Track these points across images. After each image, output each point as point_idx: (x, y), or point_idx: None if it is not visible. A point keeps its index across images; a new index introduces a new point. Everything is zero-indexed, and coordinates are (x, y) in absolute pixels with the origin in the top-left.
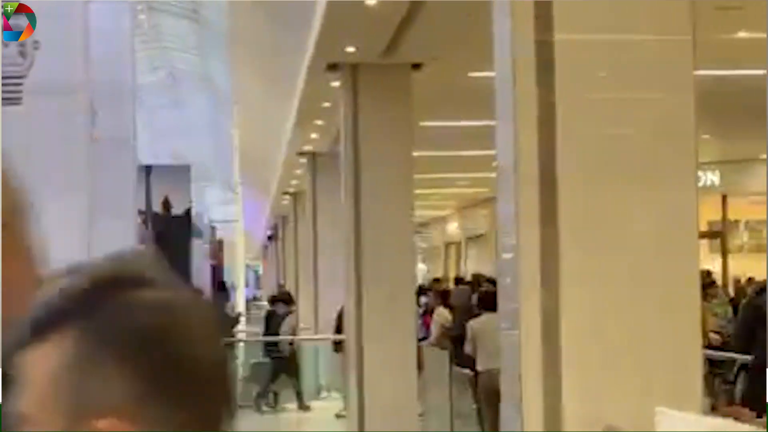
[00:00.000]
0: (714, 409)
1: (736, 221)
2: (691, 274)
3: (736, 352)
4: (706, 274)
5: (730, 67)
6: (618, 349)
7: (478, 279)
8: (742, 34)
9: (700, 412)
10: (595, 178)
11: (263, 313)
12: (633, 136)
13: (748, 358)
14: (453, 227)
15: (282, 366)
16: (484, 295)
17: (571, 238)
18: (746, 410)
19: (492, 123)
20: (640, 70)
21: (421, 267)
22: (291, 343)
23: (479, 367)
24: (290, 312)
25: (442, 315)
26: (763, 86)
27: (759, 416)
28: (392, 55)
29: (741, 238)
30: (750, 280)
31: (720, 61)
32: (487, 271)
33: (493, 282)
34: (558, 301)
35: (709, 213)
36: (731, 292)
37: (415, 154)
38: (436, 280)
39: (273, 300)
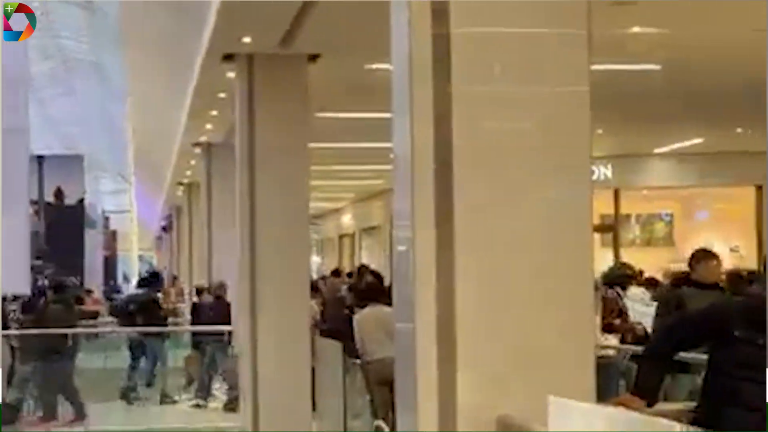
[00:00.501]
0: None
1: (628, 215)
2: (584, 267)
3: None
4: (627, 267)
5: (624, 61)
6: (512, 341)
7: (362, 271)
8: (636, 29)
9: (593, 401)
10: (491, 171)
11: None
12: (528, 130)
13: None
14: (347, 219)
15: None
16: (367, 288)
17: (466, 231)
18: (637, 399)
19: (388, 115)
20: (536, 63)
21: (315, 259)
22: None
23: (368, 357)
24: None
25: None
26: (657, 81)
27: (649, 405)
28: (289, 46)
29: (633, 232)
30: (641, 273)
31: (614, 55)
32: (380, 263)
33: (376, 275)
34: (453, 294)
35: (602, 207)
36: None
37: (311, 145)
38: (335, 272)
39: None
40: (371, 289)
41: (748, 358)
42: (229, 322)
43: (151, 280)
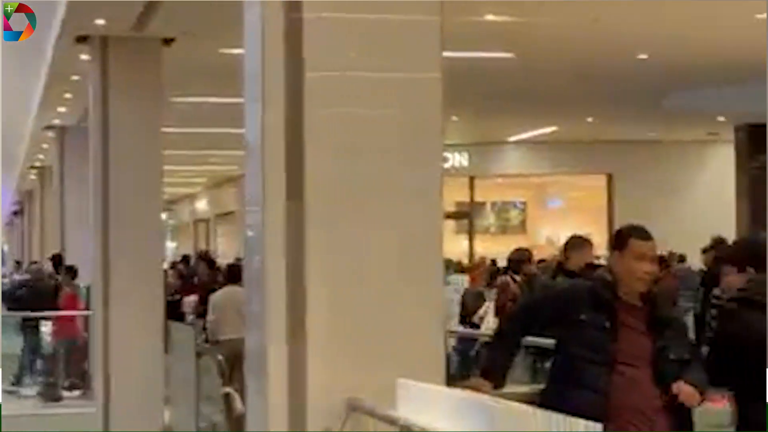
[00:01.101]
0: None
1: (483, 203)
2: (434, 249)
3: None
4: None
5: (478, 49)
6: (362, 322)
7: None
8: (490, 18)
9: (442, 384)
10: (342, 156)
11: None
12: (380, 116)
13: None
14: (202, 204)
15: None
16: (228, 268)
17: (316, 213)
18: (486, 382)
19: (240, 101)
20: (388, 50)
21: (169, 244)
22: None
23: (222, 337)
24: None
25: None
26: (511, 70)
27: (497, 387)
28: (143, 29)
29: (487, 219)
30: (493, 262)
31: (469, 43)
32: (237, 248)
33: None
34: (303, 274)
35: (457, 194)
36: None
37: (165, 130)
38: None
39: None
40: (232, 270)
41: (594, 341)
42: (49, 307)
43: None
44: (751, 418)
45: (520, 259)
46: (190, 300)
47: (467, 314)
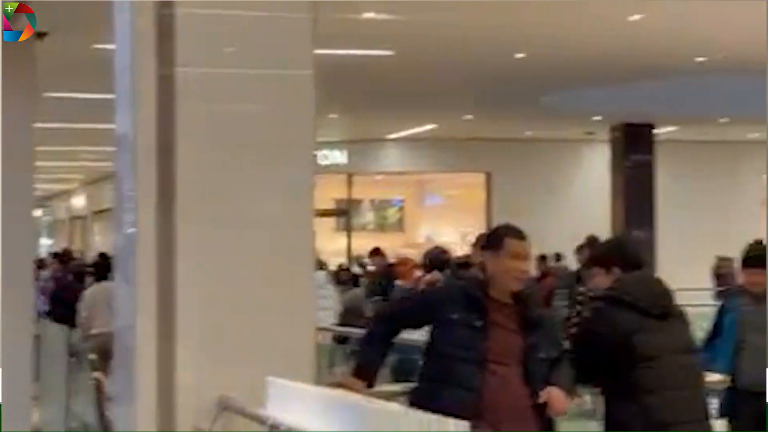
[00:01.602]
0: None
1: (362, 200)
2: (305, 247)
3: None
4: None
5: (358, 47)
6: (233, 320)
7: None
8: (369, 15)
9: (312, 382)
10: (214, 153)
11: None
12: (252, 113)
13: None
14: (79, 201)
15: None
16: (96, 264)
17: (188, 211)
18: (355, 380)
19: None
20: (260, 46)
21: (45, 241)
22: None
23: (94, 331)
24: None
25: None
26: (390, 67)
27: (370, 386)
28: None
29: (366, 217)
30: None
31: (349, 41)
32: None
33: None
34: (173, 272)
35: (336, 192)
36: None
37: (38, 125)
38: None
39: None
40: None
41: (465, 340)
42: None
43: None
44: (616, 417)
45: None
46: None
47: None
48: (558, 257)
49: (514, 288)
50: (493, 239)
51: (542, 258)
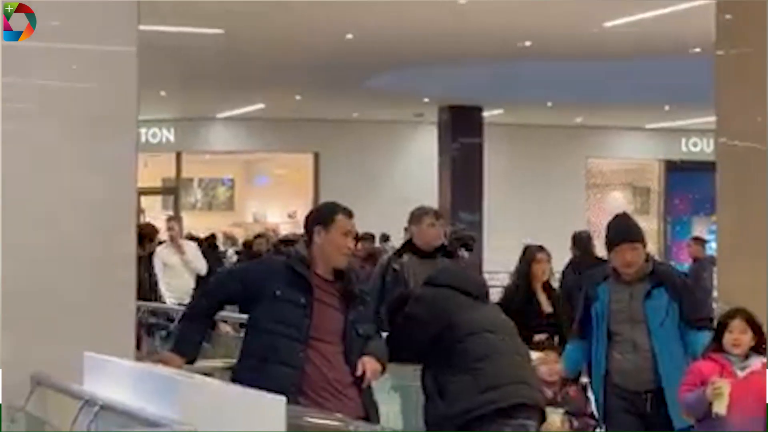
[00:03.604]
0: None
1: (191, 179)
2: (127, 224)
3: None
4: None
5: (188, 24)
6: (52, 297)
7: None
8: None
9: (132, 358)
10: (36, 126)
11: None
12: (74, 88)
13: None
14: None
15: None
16: None
17: (8, 186)
18: (175, 356)
19: None
20: (84, 22)
21: None
22: None
23: None
24: None
25: None
26: (219, 46)
27: (189, 362)
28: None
29: (194, 195)
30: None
31: (179, 18)
32: None
33: None
34: None
35: (164, 170)
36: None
37: None
38: None
39: None
40: None
41: (289, 317)
42: None
43: None
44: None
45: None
46: None
47: None
48: (385, 238)
49: (341, 265)
50: (324, 215)
51: (369, 237)
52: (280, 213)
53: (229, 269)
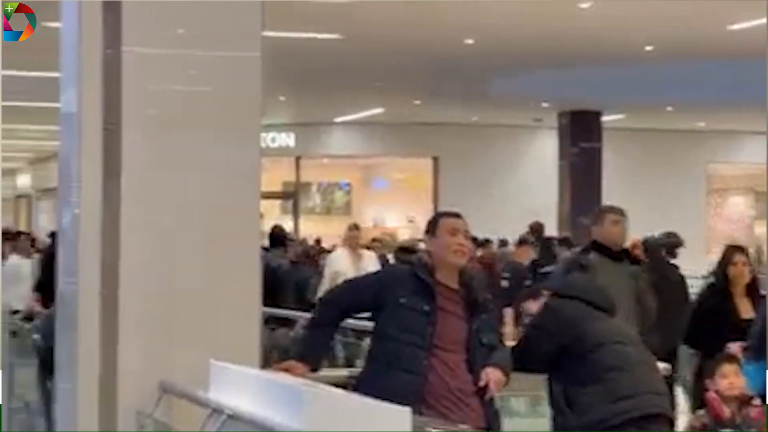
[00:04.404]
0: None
1: (309, 183)
2: (251, 232)
3: None
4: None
5: (307, 30)
6: (176, 303)
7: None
8: None
9: (257, 366)
10: (161, 133)
11: None
12: (199, 94)
13: None
14: (24, 180)
15: None
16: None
17: (133, 192)
18: (299, 364)
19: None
20: (207, 28)
21: None
22: None
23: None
24: None
25: None
26: (339, 51)
27: (313, 370)
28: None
29: (313, 200)
30: (317, 241)
31: (298, 24)
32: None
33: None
34: (118, 254)
35: (284, 174)
36: None
37: None
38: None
39: None
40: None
41: (413, 325)
42: None
43: None
44: (574, 400)
45: None
46: None
47: None
48: (503, 243)
49: (458, 262)
50: (430, 224)
51: (486, 242)
52: (399, 217)
53: (355, 277)
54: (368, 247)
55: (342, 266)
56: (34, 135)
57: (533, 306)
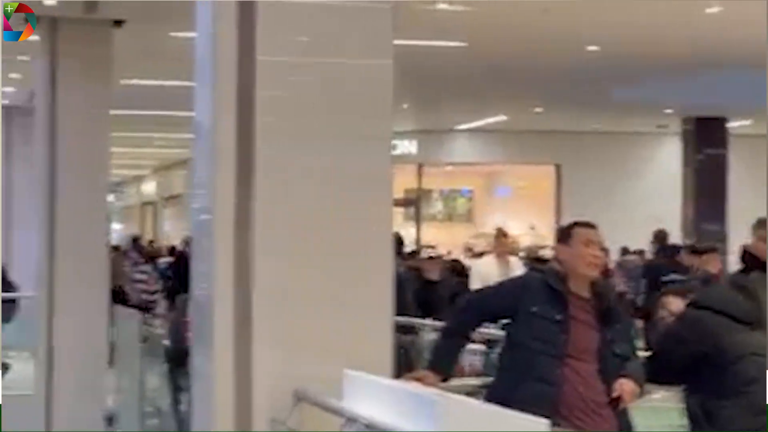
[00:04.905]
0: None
1: (431, 190)
2: (384, 241)
3: None
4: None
5: (430, 37)
6: (310, 311)
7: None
8: (442, 6)
9: (389, 375)
10: (293, 142)
11: None
12: (331, 102)
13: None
14: (150, 187)
15: None
16: None
17: (266, 202)
18: (430, 374)
19: (191, 84)
20: (340, 35)
21: (116, 226)
22: None
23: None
24: None
25: None
26: (462, 58)
27: (445, 380)
28: (93, 11)
29: (435, 207)
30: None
31: (421, 31)
32: (182, 230)
33: None
34: (251, 265)
35: (406, 182)
36: None
37: (113, 112)
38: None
39: None
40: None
41: (545, 334)
42: None
43: None
44: (714, 413)
45: None
46: None
47: None
48: (626, 250)
49: (591, 274)
50: (564, 232)
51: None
52: (521, 225)
53: (487, 286)
54: (512, 254)
55: (490, 273)
56: (160, 143)
57: (675, 303)
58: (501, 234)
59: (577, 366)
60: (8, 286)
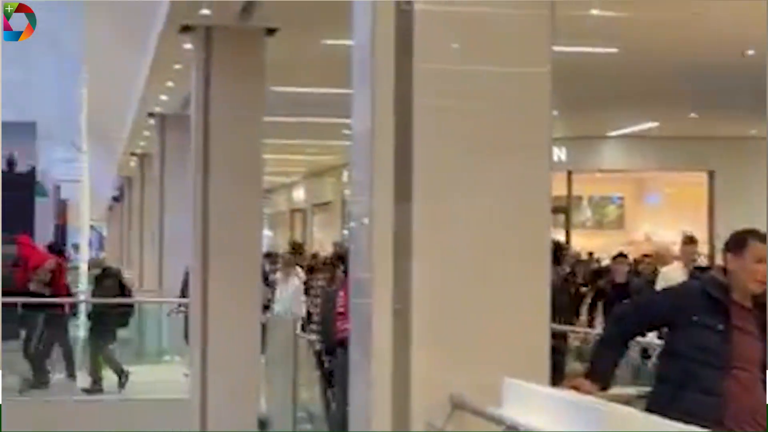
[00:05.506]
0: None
1: (580, 197)
2: (541, 248)
3: None
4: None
5: (582, 44)
6: (467, 320)
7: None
8: (595, 12)
9: (546, 383)
10: (450, 149)
11: None
12: (489, 109)
13: None
14: (299, 194)
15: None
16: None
17: (424, 208)
18: (587, 382)
19: (343, 91)
20: (498, 43)
21: (266, 233)
22: None
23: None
24: None
25: None
26: (614, 65)
27: (603, 389)
28: (247, 19)
29: (584, 214)
30: (590, 255)
31: (573, 38)
32: (331, 237)
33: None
34: (410, 271)
35: (555, 188)
36: None
37: (265, 119)
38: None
39: None
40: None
41: (707, 344)
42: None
43: None
44: None
45: None
46: None
47: None
48: None
49: (756, 291)
50: (736, 242)
51: None
52: (673, 232)
53: (645, 295)
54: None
55: (678, 280)
56: (311, 150)
57: None
58: (687, 240)
59: (741, 377)
60: (123, 289)
